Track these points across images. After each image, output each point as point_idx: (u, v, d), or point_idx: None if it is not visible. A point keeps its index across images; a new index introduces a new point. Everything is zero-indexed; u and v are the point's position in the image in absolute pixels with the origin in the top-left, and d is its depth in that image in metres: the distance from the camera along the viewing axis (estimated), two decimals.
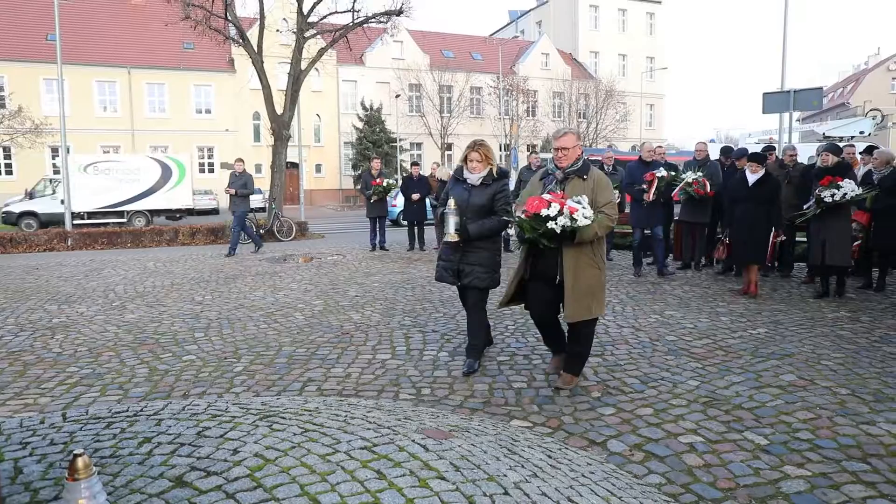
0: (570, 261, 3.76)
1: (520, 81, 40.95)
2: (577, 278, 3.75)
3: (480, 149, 4.30)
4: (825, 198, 6.36)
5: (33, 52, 32.55)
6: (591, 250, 3.81)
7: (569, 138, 3.91)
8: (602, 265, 3.89)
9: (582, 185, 3.82)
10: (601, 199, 3.78)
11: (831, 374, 4.16)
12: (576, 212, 3.54)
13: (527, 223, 3.64)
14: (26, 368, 4.52)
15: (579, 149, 3.94)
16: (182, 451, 2.38)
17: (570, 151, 3.88)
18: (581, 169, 3.89)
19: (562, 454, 2.88)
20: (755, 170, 6.74)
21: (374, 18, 19.10)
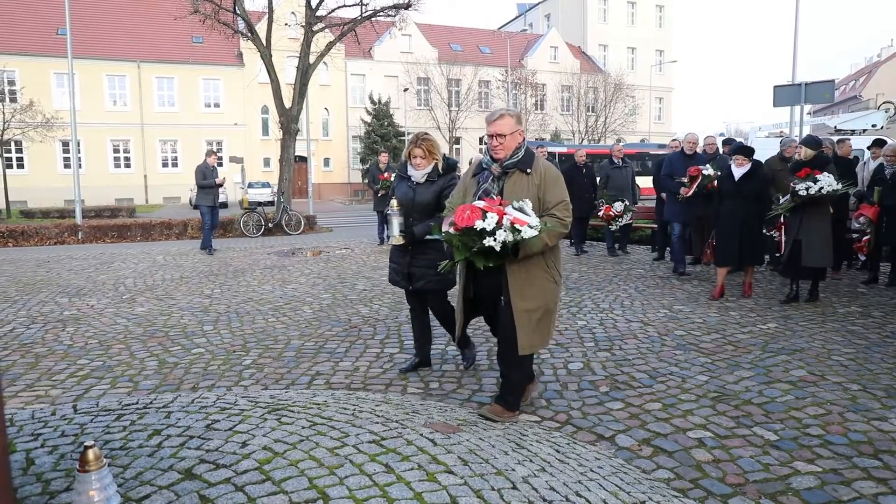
0: (517, 278, 3.12)
1: (528, 75, 40.78)
2: (528, 295, 3.12)
3: (423, 143, 3.85)
4: (800, 191, 5.86)
5: (44, 47, 32.71)
6: (544, 262, 3.16)
7: (505, 122, 3.18)
8: (559, 277, 3.26)
9: (525, 182, 3.14)
10: (551, 198, 3.12)
11: (842, 369, 4.12)
12: (519, 222, 2.87)
13: (456, 239, 2.93)
14: (38, 360, 4.56)
15: (520, 134, 3.22)
16: (191, 443, 2.39)
17: (507, 139, 3.16)
18: (523, 160, 3.17)
19: (570, 449, 2.87)
20: (741, 163, 6.33)
21: (383, 12, 19.06)
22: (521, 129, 3.24)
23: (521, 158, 3.18)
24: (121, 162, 35.50)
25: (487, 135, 3.21)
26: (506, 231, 2.85)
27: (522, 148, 3.21)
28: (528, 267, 3.12)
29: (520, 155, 3.19)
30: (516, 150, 3.19)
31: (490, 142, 3.19)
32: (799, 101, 11.70)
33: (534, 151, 3.25)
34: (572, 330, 5.22)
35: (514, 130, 3.19)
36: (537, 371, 4.18)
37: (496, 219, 2.86)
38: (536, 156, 3.23)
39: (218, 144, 37.09)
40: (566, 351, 4.63)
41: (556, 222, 3.07)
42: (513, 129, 3.18)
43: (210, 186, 11.00)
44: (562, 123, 41.65)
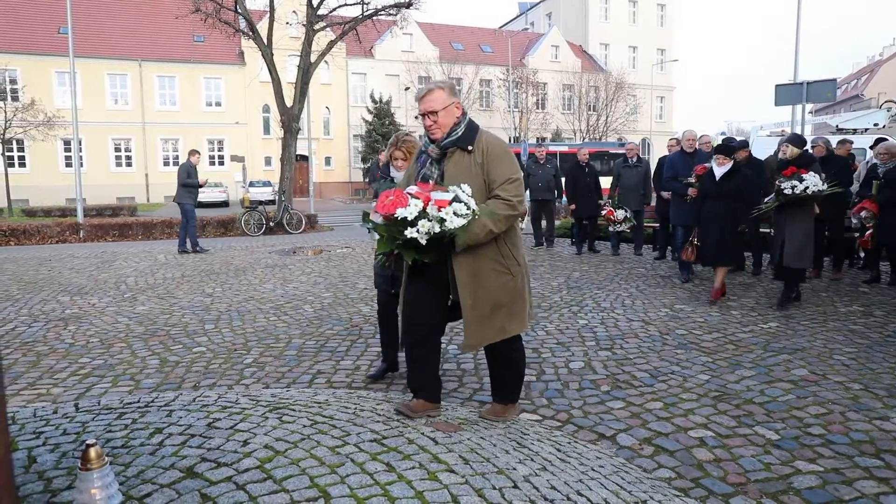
0: (464, 271, 2.75)
1: (529, 74, 40.77)
2: (479, 294, 2.77)
3: (404, 145, 3.67)
4: (785, 189, 5.70)
5: (46, 46, 32.76)
6: (497, 251, 2.79)
7: (435, 96, 2.81)
8: (516, 267, 2.87)
9: (467, 162, 2.79)
10: (496, 176, 2.74)
11: (844, 368, 4.12)
12: (445, 206, 2.52)
13: (382, 229, 2.66)
14: (39, 359, 4.56)
15: (457, 108, 2.85)
16: (193, 442, 2.39)
17: (441, 116, 2.80)
18: (463, 137, 2.81)
19: (571, 448, 2.87)
20: (722, 162, 6.18)
21: (384, 11, 19.06)
22: (456, 101, 2.85)
23: (460, 135, 2.82)
24: (122, 161, 35.54)
25: (420, 114, 2.87)
26: (432, 221, 2.51)
27: (462, 124, 2.83)
28: (476, 258, 2.74)
29: (459, 132, 2.82)
30: (454, 126, 2.82)
31: (423, 122, 2.85)
32: (800, 101, 11.68)
33: (477, 126, 2.89)
34: (573, 329, 5.22)
35: (448, 104, 2.82)
36: (538, 370, 4.18)
37: (420, 206, 2.53)
38: (480, 131, 2.87)
39: (219, 143, 37.16)
40: (567, 350, 4.62)
41: (500, 204, 2.69)
42: (445, 104, 2.81)
43: (194, 186, 10.92)
44: (563, 122, 41.63)
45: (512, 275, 2.84)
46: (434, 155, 2.87)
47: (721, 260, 6.20)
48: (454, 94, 2.88)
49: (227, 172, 35.40)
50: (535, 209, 10.92)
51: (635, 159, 9.70)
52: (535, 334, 5.06)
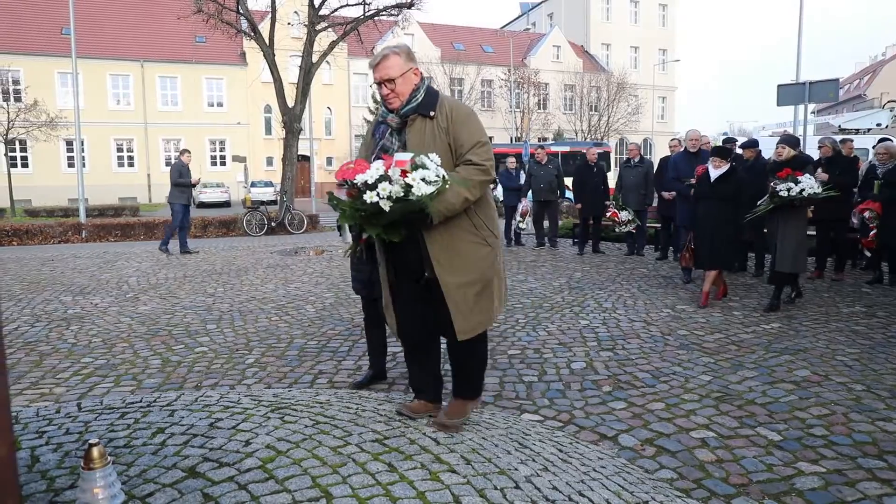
0: (438, 245, 2.54)
1: (531, 74, 40.76)
2: (461, 271, 2.56)
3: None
4: (780, 192, 5.57)
5: (49, 47, 32.83)
6: (469, 222, 2.58)
7: (391, 62, 2.60)
8: (493, 239, 2.67)
9: (431, 129, 2.58)
10: (465, 140, 2.55)
11: (846, 369, 4.11)
12: (405, 166, 2.32)
13: (343, 204, 2.44)
14: (42, 359, 4.57)
15: (415, 74, 2.65)
16: (195, 441, 2.40)
17: (399, 83, 2.59)
18: (423, 103, 2.61)
19: (573, 448, 2.87)
20: (718, 164, 6.04)
21: (385, 11, 19.07)
22: (413, 66, 2.65)
23: (420, 101, 2.61)
24: (124, 161, 35.61)
25: (375, 83, 2.66)
26: (395, 184, 2.28)
27: (421, 89, 2.64)
28: (450, 230, 2.54)
29: (418, 98, 2.62)
30: (413, 93, 2.62)
31: (380, 91, 2.64)
32: (803, 101, 11.67)
33: (437, 91, 2.70)
34: (575, 329, 5.22)
35: (406, 70, 2.61)
36: (540, 370, 4.18)
37: (380, 170, 2.34)
38: (441, 95, 2.68)
39: (221, 144, 37.21)
40: (569, 350, 4.62)
41: (472, 170, 2.51)
42: (403, 70, 2.60)
43: (186, 185, 10.81)
44: (564, 123, 41.61)
45: (490, 247, 2.64)
46: (394, 125, 2.66)
47: (713, 263, 6.08)
48: (411, 59, 2.65)
49: (229, 173, 35.49)
50: (538, 209, 10.92)
51: (637, 159, 9.70)
52: (537, 335, 5.06)
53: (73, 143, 27.77)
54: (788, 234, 5.71)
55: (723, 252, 6.03)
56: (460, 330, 2.59)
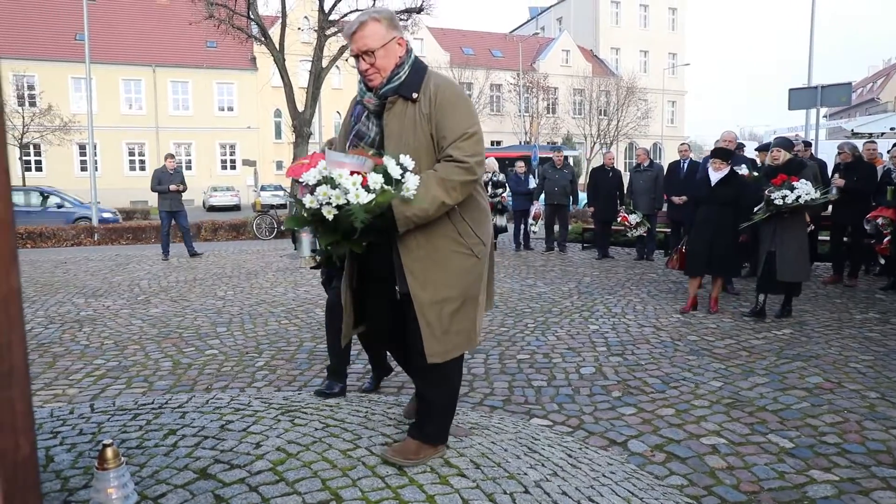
0: (413, 255, 2.16)
1: (540, 78, 40.77)
2: (433, 284, 2.17)
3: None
4: (775, 199, 5.32)
5: (63, 52, 33.20)
6: (452, 227, 2.19)
7: (370, 30, 2.16)
8: (481, 248, 2.26)
9: (412, 114, 2.17)
10: (448, 130, 2.13)
11: (860, 376, 4.08)
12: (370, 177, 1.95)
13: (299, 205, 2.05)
14: (55, 360, 4.62)
15: (399, 45, 2.21)
16: (206, 443, 2.41)
17: (380, 56, 2.17)
18: (407, 83, 2.19)
19: (582, 453, 2.86)
20: (718, 167, 5.83)
21: None
22: (397, 35, 2.21)
23: (403, 80, 2.19)
24: (136, 165, 35.91)
25: (352, 56, 2.23)
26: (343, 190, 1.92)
27: (406, 64, 2.21)
28: (428, 236, 2.15)
29: (401, 75, 2.19)
30: (396, 69, 2.20)
31: (358, 65, 2.21)
32: (815, 105, 11.59)
33: (425, 66, 2.26)
34: (584, 334, 5.21)
35: (388, 40, 2.18)
36: (549, 375, 4.17)
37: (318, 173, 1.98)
38: (429, 72, 2.25)
39: (231, 147, 37.46)
40: (578, 355, 4.61)
41: (452, 168, 2.09)
42: (384, 40, 2.17)
43: (163, 192, 10.54)
44: (573, 127, 41.59)
45: (477, 257, 2.24)
46: (371, 106, 2.25)
47: (716, 271, 5.93)
48: (395, 27, 2.21)
49: (239, 176, 35.70)
50: (550, 213, 10.91)
51: (647, 164, 9.69)
52: (546, 339, 5.05)
53: (85, 147, 28.02)
54: (788, 242, 5.48)
55: (725, 259, 5.85)
56: (431, 353, 2.18)
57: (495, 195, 11.14)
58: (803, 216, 5.63)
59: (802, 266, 5.55)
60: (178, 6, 33.41)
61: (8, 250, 0.79)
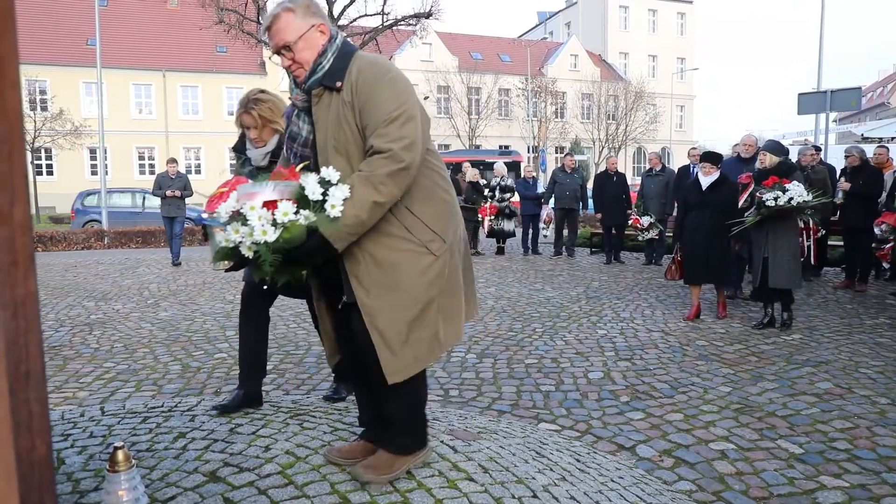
0: (354, 257, 1.95)
1: (548, 83, 40.76)
2: (382, 288, 1.94)
3: (255, 108, 2.65)
4: (767, 201, 5.20)
5: (74, 57, 33.52)
6: (398, 223, 1.96)
7: (285, 23, 1.97)
8: (438, 243, 2.00)
9: (336, 106, 1.97)
10: (369, 118, 1.91)
11: (870, 382, 4.05)
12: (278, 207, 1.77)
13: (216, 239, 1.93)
14: (66, 363, 4.65)
15: (320, 32, 2.01)
16: (215, 447, 2.43)
17: (300, 48, 1.97)
18: (330, 72, 1.99)
19: (590, 458, 2.86)
20: (708, 171, 5.72)
21: (404, 21, 19.25)
22: (316, 23, 2.00)
23: (326, 70, 1.99)
24: (146, 169, 36.14)
25: (273, 53, 2.06)
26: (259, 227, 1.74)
27: (329, 51, 2.00)
28: (371, 236, 1.93)
29: (324, 64, 1.99)
30: (319, 58, 1.99)
31: (283, 61, 2.04)
32: (824, 109, 11.55)
33: (353, 49, 2.04)
34: (592, 339, 5.20)
35: (305, 30, 1.98)
36: (557, 380, 4.16)
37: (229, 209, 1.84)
38: (355, 56, 2.02)
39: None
40: (586, 360, 4.60)
41: (376, 161, 1.86)
42: (301, 30, 1.97)
43: (162, 197, 10.43)
44: (582, 132, 41.53)
45: (433, 254, 1.98)
46: (300, 103, 2.06)
47: (709, 277, 5.80)
48: (313, 14, 2.01)
49: None
50: (561, 218, 10.86)
51: (658, 168, 9.70)
52: (554, 344, 5.05)
53: (96, 152, 28.27)
54: (781, 247, 5.34)
55: (719, 266, 5.71)
56: (389, 370, 1.94)
57: (503, 199, 11.16)
58: (795, 221, 5.47)
59: (795, 273, 5.37)
60: (189, 11, 33.65)
61: (26, 254, 0.81)
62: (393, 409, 2.12)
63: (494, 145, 40.43)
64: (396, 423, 2.14)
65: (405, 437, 2.17)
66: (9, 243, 0.79)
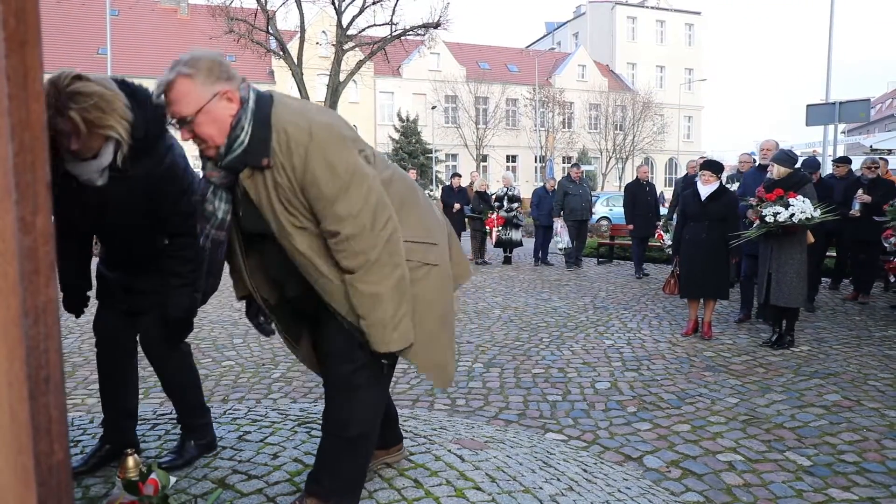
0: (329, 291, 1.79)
1: (556, 93, 40.87)
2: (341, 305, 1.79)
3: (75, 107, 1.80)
4: (766, 217, 4.96)
5: (85, 66, 33.21)
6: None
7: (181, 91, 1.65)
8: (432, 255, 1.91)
9: (273, 183, 1.69)
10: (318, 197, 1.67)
11: (879, 395, 4.02)
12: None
13: None
14: (75, 370, 4.69)
15: (228, 101, 1.68)
16: (224, 454, 2.44)
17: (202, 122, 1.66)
18: (252, 150, 1.68)
19: (597, 468, 2.86)
20: (708, 180, 5.48)
21: (412, 31, 19.36)
22: (222, 90, 1.67)
23: (246, 145, 1.67)
24: None
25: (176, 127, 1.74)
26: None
27: (244, 121, 1.68)
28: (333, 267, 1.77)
29: (243, 139, 1.67)
30: (233, 131, 1.68)
31: (181, 135, 1.74)
32: (833, 121, 11.53)
33: (268, 111, 1.70)
34: (600, 349, 5.19)
35: (207, 100, 1.65)
36: (564, 390, 4.16)
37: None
38: (273, 115, 1.69)
39: None
40: (593, 370, 4.60)
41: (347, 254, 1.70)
42: (201, 102, 1.65)
43: None
44: (589, 142, 41.59)
45: (434, 264, 1.90)
46: (216, 180, 1.75)
47: (705, 292, 5.55)
48: (216, 79, 1.67)
49: None
50: (576, 229, 10.62)
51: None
52: (562, 354, 5.04)
53: None
54: (785, 263, 5.08)
55: (718, 280, 5.49)
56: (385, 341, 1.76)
57: (511, 209, 11.15)
58: (803, 235, 5.16)
59: (798, 290, 5.11)
60: (199, 21, 33.99)
61: (48, 262, 0.83)
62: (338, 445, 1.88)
63: (502, 155, 40.52)
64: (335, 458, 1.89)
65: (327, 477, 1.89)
66: (31, 252, 0.81)
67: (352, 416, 1.86)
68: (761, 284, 5.28)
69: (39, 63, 0.78)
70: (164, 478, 1.76)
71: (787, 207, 4.92)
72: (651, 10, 47.91)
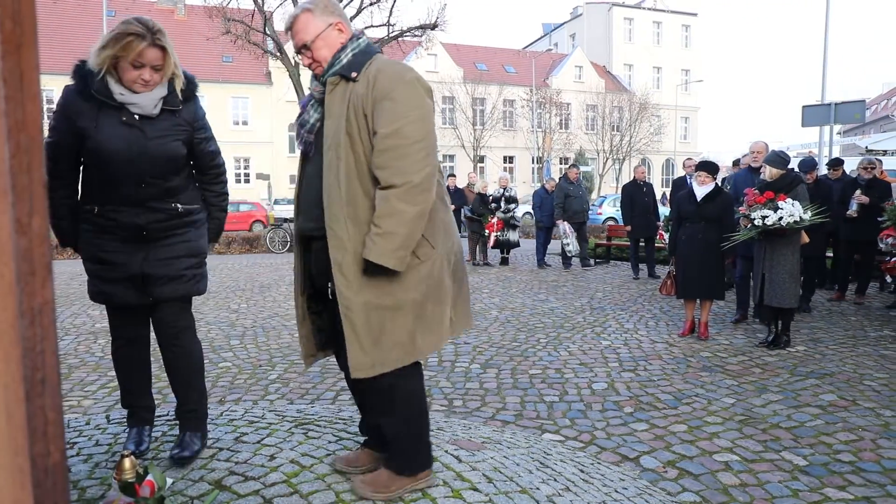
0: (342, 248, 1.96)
1: (553, 94, 40.92)
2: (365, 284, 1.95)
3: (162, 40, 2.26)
4: (755, 220, 4.95)
5: None
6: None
7: (303, 24, 2.06)
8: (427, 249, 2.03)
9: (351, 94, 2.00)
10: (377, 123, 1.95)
11: (874, 394, 4.04)
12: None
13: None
14: (71, 371, 4.68)
15: (339, 31, 2.08)
16: (221, 455, 2.44)
17: (318, 47, 2.05)
18: (347, 64, 2.04)
19: (594, 469, 2.86)
20: (704, 181, 5.48)
21: (409, 32, 19.37)
22: (335, 21, 2.07)
23: (343, 63, 2.04)
24: None
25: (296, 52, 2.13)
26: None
27: (349, 48, 2.06)
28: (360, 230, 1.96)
29: (342, 59, 2.05)
30: (338, 53, 2.06)
31: (303, 61, 2.12)
32: (828, 122, 11.58)
33: (375, 51, 2.10)
34: (596, 349, 5.20)
35: (322, 30, 2.04)
36: (561, 390, 4.16)
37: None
38: (376, 56, 2.07)
39: (245, 161, 37.85)
40: (590, 370, 4.61)
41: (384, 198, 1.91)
42: (319, 30, 2.04)
43: None
44: (586, 142, 41.65)
45: (418, 258, 1.99)
46: (317, 94, 2.11)
47: (701, 292, 5.54)
48: (331, 13, 2.07)
49: (253, 190, 36.02)
50: (577, 230, 10.66)
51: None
52: (559, 354, 5.05)
53: None
54: (777, 264, 5.09)
55: (714, 280, 5.48)
56: (356, 364, 1.95)
57: (508, 210, 11.16)
58: (797, 236, 5.15)
59: (791, 291, 5.12)
60: (196, 22, 33.99)
61: (44, 263, 0.83)
62: (388, 426, 2.12)
63: (499, 156, 40.54)
64: (392, 442, 2.13)
65: (401, 456, 2.14)
66: (27, 253, 0.81)
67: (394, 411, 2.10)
68: (756, 286, 5.31)
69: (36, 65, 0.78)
70: (160, 479, 1.78)
71: (775, 210, 4.92)
72: (648, 11, 48.05)
